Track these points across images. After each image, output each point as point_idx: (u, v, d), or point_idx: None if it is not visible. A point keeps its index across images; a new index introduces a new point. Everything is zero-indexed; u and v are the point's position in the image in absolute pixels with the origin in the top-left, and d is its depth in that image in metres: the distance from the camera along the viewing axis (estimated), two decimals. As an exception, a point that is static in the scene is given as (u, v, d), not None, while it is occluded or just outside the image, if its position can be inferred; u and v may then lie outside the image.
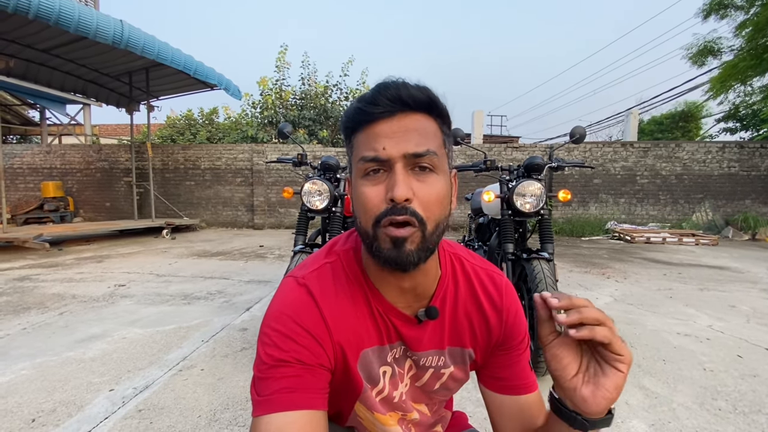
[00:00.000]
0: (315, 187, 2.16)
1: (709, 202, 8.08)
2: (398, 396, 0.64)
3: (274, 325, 0.53)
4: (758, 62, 7.89)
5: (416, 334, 0.61)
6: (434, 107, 0.52)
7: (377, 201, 0.50)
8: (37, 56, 6.13)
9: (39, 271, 4.06)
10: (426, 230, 0.50)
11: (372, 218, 0.51)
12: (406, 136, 0.50)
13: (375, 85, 0.52)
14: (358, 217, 0.54)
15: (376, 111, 0.50)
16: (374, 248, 0.52)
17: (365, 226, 0.52)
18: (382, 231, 0.50)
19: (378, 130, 0.51)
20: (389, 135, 0.50)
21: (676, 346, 2.21)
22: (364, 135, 0.52)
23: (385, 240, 0.50)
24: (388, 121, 0.50)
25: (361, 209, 0.52)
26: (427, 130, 0.52)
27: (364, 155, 0.51)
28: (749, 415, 1.53)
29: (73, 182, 8.98)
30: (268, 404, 0.49)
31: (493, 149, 8.46)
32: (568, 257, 5.26)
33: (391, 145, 0.50)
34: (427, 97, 0.52)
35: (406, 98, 0.50)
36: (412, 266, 0.51)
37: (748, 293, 3.41)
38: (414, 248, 0.50)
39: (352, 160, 0.55)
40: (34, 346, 2.14)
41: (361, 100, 0.52)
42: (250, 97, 10.38)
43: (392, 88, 0.50)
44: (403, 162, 0.50)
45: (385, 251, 0.50)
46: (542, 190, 1.92)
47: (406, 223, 0.49)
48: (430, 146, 0.51)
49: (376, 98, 0.50)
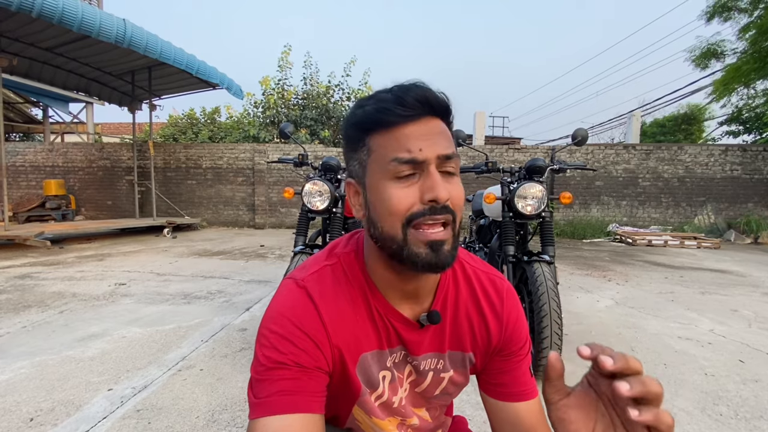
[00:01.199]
0: (316, 187, 2.15)
1: (711, 205, 8.05)
2: (398, 401, 0.64)
3: (272, 327, 0.52)
4: (762, 65, 7.86)
5: (417, 338, 0.61)
6: (449, 113, 0.53)
7: (409, 203, 0.49)
8: (40, 54, 6.16)
9: (40, 269, 4.07)
10: (456, 229, 0.52)
11: (402, 219, 0.50)
12: (435, 138, 0.50)
13: (395, 87, 0.51)
14: (379, 220, 0.52)
15: (405, 113, 0.49)
16: (406, 254, 0.50)
17: (392, 229, 0.51)
18: (413, 233, 0.50)
19: (408, 132, 0.49)
20: (421, 138, 0.49)
21: (677, 350, 2.20)
22: (390, 137, 0.50)
23: (419, 245, 0.50)
24: (416, 124, 0.50)
25: (388, 211, 0.50)
26: (448, 135, 0.52)
27: (399, 156, 0.49)
28: (751, 420, 1.52)
29: (75, 180, 9.00)
30: (265, 407, 0.48)
31: (495, 150, 8.45)
32: (569, 259, 5.24)
33: (426, 147, 0.49)
34: (447, 103, 0.52)
35: (433, 101, 0.50)
36: (449, 266, 0.52)
37: (750, 297, 3.39)
38: (449, 248, 0.51)
39: (368, 162, 0.53)
40: (33, 344, 2.14)
41: (382, 100, 0.50)
42: (252, 96, 10.40)
43: (418, 90, 0.50)
44: (436, 164, 0.50)
45: (423, 255, 0.50)
46: (543, 192, 1.91)
47: (443, 224, 0.50)
48: (454, 150, 0.52)
49: (404, 99, 0.49)
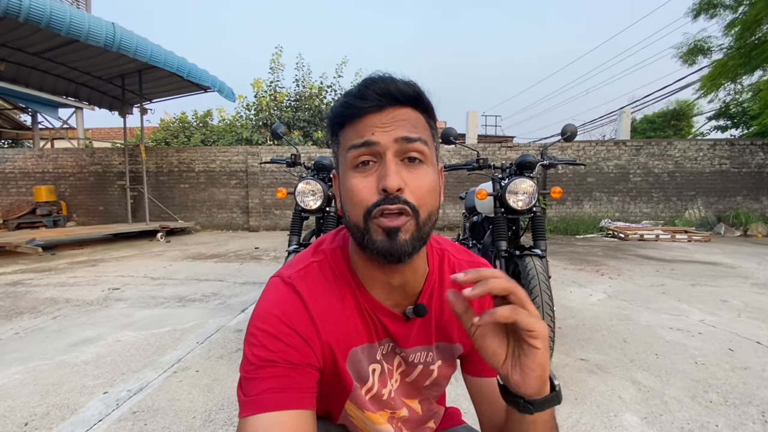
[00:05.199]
0: (308, 187, 2.16)
1: (701, 199, 8.16)
2: (387, 393, 0.64)
3: (260, 326, 0.52)
4: (747, 60, 8.00)
5: (404, 331, 0.61)
6: (421, 101, 0.52)
7: (367, 193, 0.50)
8: (28, 59, 6.09)
9: (32, 275, 4.03)
10: (420, 219, 0.50)
11: (363, 210, 0.50)
12: (396, 124, 0.50)
13: (361, 81, 0.52)
14: (347, 211, 0.53)
15: (365, 105, 0.50)
16: (366, 241, 0.50)
17: (355, 219, 0.51)
18: (373, 223, 0.49)
19: (368, 121, 0.50)
20: (379, 125, 0.50)
21: (668, 340, 2.24)
22: (353, 128, 0.51)
23: (378, 231, 0.49)
24: (378, 114, 0.50)
25: (351, 202, 0.51)
26: (417, 121, 0.52)
27: (353, 143, 0.50)
28: (740, 406, 1.55)
29: (65, 186, 8.91)
30: (256, 404, 0.48)
31: (488, 149, 8.50)
32: (562, 255, 5.29)
33: (381, 132, 0.49)
34: (415, 91, 0.51)
35: (395, 92, 0.50)
36: (407, 256, 0.50)
37: (740, 288, 3.45)
38: (408, 237, 0.50)
39: (338, 155, 0.55)
40: (27, 350, 2.12)
41: (348, 95, 0.51)
42: (244, 99, 10.37)
43: (380, 82, 0.50)
44: (393, 150, 0.49)
45: (379, 242, 0.49)
46: (534, 187, 1.94)
47: (400, 213, 0.49)
48: (421, 135, 0.51)
49: (364, 92, 0.50)
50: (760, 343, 2.19)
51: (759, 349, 2.12)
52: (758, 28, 7.74)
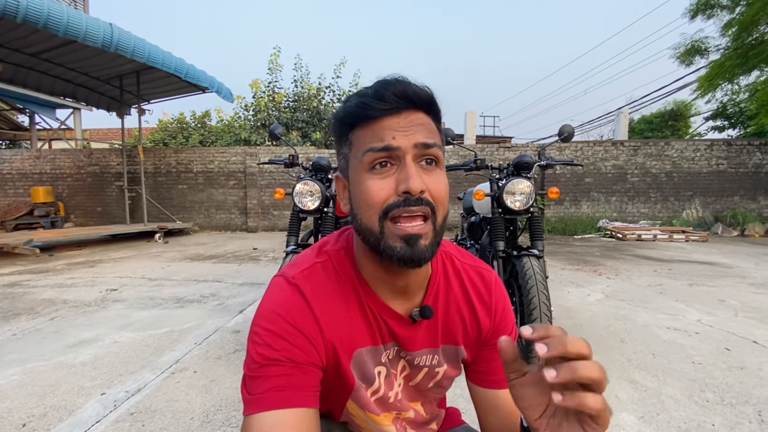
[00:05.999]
0: (306, 187, 2.16)
1: (698, 199, 8.19)
2: (393, 396, 0.64)
3: (264, 324, 0.52)
4: (744, 61, 8.02)
5: (410, 334, 0.61)
6: (433, 107, 0.53)
7: (385, 194, 0.49)
8: (25, 60, 6.08)
9: (29, 276, 4.02)
10: (437, 223, 0.51)
11: (379, 211, 0.49)
12: (414, 129, 0.50)
13: (376, 82, 0.52)
14: (359, 213, 0.52)
15: (383, 107, 0.49)
16: (383, 247, 0.50)
17: (369, 221, 0.51)
18: (390, 226, 0.49)
19: (386, 124, 0.50)
20: (397, 129, 0.50)
21: (665, 340, 2.24)
22: (369, 129, 0.51)
23: (395, 238, 0.49)
24: (396, 117, 0.50)
25: (365, 204, 0.50)
26: (431, 127, 0.52)
27: (372, 146, 0.50)
28: (736, 406, 1.56)
29: (63, 187, 8.89)
30: (260, 403, 0.48)
31: (486, 149, 8.51)
32: (560, 255, 5.30)
33: (401, 136, 0.49)
34: (429, 96, 0.52)
35: (412, 96, 0.50)
36: (425, 262, 0.51)
37: (737, 288, 3.46)
38: (428, 243, 0.50)
39: (350, 156, 0.54)
40: (24, 351, 2.11)
41: (363, 96, 0.51)
42: (242, 99, 10.36)
43: (397, 84, 0.50)
44: (413, 154, 0.50)
45: (399, 249, 0.49)
46: (531, 188, 1.94)
47: (420, 217, 0.49)
48: (436, 140, 0.51)
49: (382, 94, 0.49)
50: (756, 343, 2.20)
51: (756, 348, 2.13)
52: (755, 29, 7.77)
